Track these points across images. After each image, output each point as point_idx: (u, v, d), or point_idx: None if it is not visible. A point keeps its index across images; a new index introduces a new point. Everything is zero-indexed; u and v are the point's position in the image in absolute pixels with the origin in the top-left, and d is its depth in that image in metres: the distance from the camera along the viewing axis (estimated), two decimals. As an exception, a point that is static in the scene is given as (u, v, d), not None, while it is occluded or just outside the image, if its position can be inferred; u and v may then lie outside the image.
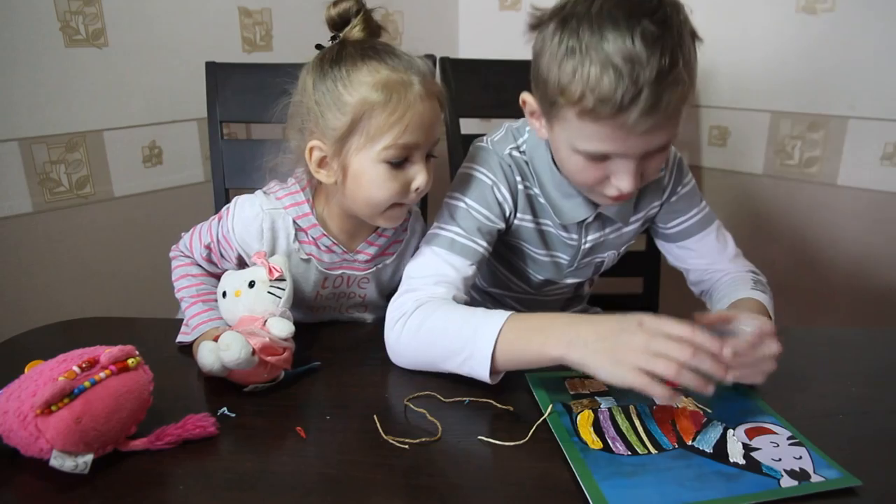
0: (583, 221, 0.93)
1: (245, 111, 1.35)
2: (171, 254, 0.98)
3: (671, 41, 0.70)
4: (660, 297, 1.44)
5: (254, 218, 0.87)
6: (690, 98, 0.76)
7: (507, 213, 0.92)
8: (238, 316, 0.82)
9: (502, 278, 1.06)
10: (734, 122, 1.55)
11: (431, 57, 1.32)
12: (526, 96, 0.84)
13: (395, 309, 0.83)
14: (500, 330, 0.74)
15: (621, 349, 0.66)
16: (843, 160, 1.42)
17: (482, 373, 0.75)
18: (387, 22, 1.71)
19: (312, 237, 0.90)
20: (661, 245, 1.06)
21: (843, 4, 1.34)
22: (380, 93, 0.78)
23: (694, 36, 0.76)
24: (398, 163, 0.81)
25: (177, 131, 1.44)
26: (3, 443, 0.63)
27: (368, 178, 0.82)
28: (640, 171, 0.79)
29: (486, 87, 1.35)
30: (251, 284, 0.82)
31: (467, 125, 1.35)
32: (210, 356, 0.75)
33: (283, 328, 0.79)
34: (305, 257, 0.90)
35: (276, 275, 0.82)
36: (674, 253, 1.04)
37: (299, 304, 0.93)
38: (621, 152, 0.76)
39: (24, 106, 1.23)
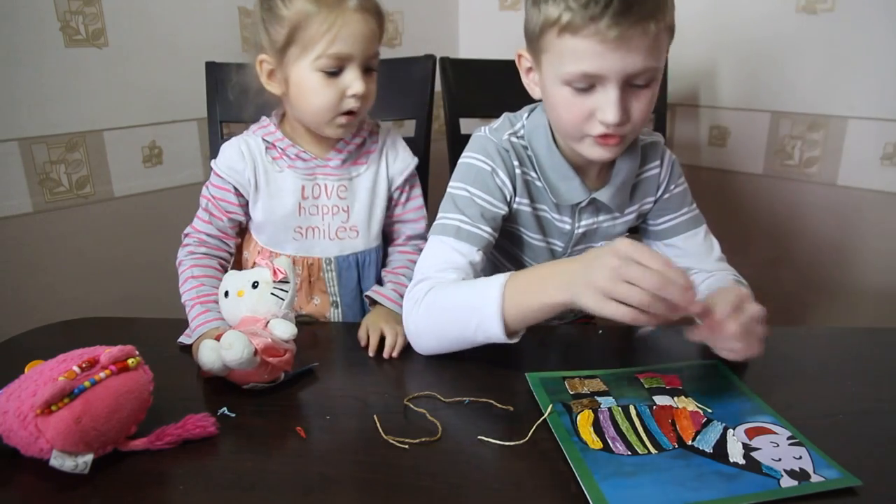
0: (577, 205, 0.95)
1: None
2: (177, 259, 0.99)
3: None
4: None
5: (232, 147, 0.98)
6: (666, 34, 0.81)
7: (508, 198, 0.94)
8: (240, 316, 0.82)
9: (498, 266, 1.07)
10: (734, 122, 1.55)
11: (431, 57, 1.32)
12: (520, 50, 0.90)
13: (409, 299, 0.86)
14: (503, 289, 0.77)
15: (595, 274, 0.69)
16: (843, 160, 1.42)
17: (497, 333, 0.77)
18: (387, 22, 1.71)
19: (281, 149, 0.98)
20: (649, 243, 1.06)
21: (843, 4, 1.34)
22: (312, 5, 0.87)
23: None
24: (333, 72, 0.90)
25: (177, 131, 1.44)
26: (3, 443, 0.63)
27: (306, 86, 0.91)
28: (624, 106, 0.81)
29: (486, 87, 1.36)
30: (255, 285, 0.82)
31: (467, 125, 1.34)
32: (211, 354, 0.74)
33: (285, 329, 0.79)
34: (279, 169, 0.98)
35: (280, 276, 0.82)
36: (661, 251, 1.04)
37: (286, 225, 0.99)
38: (601, 71, 0.79)
39: (24, 106, 1.23)
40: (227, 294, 0.84)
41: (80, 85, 1.29)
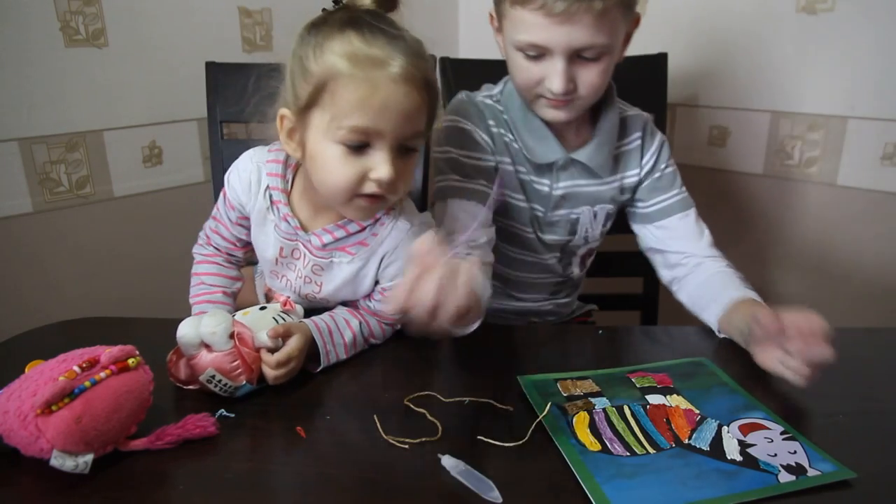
0: (554, 164, 0.98)
1: (245, 111, 1.35)
2: (193, 251, 0.97)
3: None
4: (659, 297, 1.44)
5: (246, 170, 0.86)
6: (619, 11, 0.85)
7: (491, 152, 0.98)
8: None
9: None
10: (734, 122, 1.55)
11: (432, 57, 1.32)
12: (491, 10, 0.96)
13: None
14: None
15: None
16: (843, 160, 1.42)
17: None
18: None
19: (275, 203, 0.86)
20: (639, 228, 1.07)
21: (843, 4, 1.34)
22: (345, 64, 0.72)
23: None
24: (358, 147, 0.74)
25: (177, 131, 1.44)
26: (4, 443, 0.64)
27: (323, 158, 0.75)
28: (569, 76, 0.87)
29: (485, 87, 1.35)
30: (262, 308, 0.83)
31: (467, 125, 1.35)
32: (189, 325, 0.73)
33: (267, 339, 0.78)
34: (270, 221, 0.87)
35: (288, 308, 0.84)
36: (652, 234, 1.05)
37: (263, 256, 0.91)
38: (547, 43, 0.86)
39: (24, 106, 1.23)
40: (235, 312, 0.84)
41: (79, 85, 1.29)
